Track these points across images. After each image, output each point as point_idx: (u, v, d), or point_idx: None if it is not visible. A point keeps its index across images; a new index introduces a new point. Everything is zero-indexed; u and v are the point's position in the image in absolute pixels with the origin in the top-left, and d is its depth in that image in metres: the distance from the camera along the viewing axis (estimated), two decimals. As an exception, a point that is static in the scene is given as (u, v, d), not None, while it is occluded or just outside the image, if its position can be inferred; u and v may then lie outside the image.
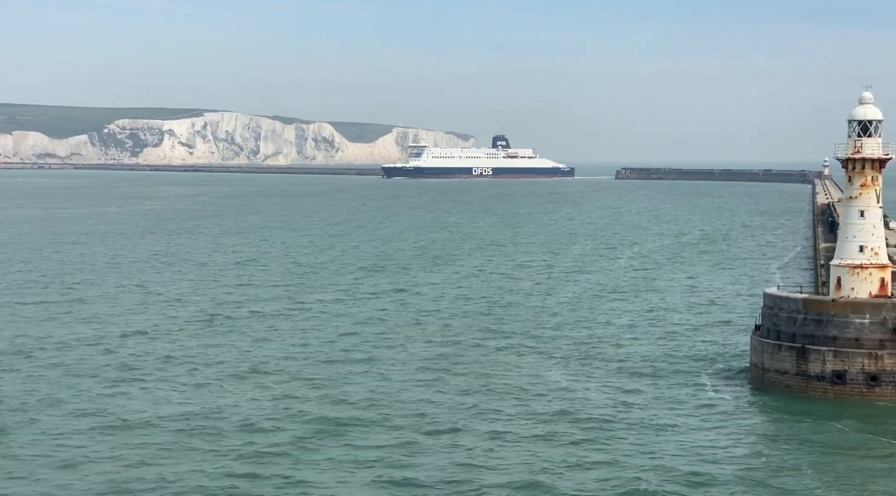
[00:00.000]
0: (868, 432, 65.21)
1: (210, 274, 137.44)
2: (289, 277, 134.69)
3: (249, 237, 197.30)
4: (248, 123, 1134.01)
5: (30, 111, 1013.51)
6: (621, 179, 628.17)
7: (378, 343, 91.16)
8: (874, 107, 77.21)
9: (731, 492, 54.53)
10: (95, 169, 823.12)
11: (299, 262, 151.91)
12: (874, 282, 76.02)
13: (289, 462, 57.64)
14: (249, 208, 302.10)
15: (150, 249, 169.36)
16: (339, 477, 55.61)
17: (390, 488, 54.18)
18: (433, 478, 55.68)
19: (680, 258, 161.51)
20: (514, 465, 57.90)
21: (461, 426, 65.39)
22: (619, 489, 54.64)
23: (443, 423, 65.79)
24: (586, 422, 66.84)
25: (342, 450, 60.11)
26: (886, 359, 72.18)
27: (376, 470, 56.65)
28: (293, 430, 63.52)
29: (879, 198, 77.49)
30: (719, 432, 65.05)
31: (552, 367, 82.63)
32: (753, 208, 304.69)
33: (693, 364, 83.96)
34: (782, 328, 75.81)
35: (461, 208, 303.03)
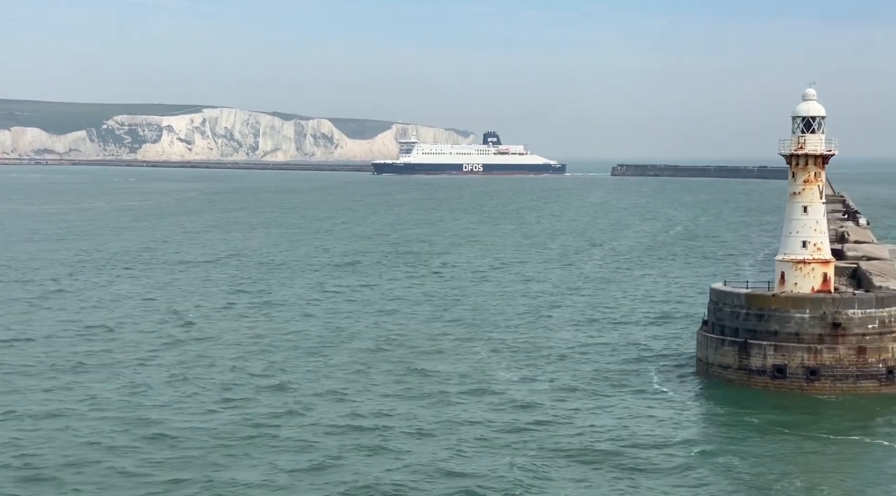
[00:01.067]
0: (806, 426, 65.57)
1: (167, 272, 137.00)
2: (253, 274, 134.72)
3: (225, 233, 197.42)
4: (246, 119, 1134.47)
5: (28, 107, 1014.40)
6: (617, 176, 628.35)
7: (329, 339, 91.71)
8: (817, 103, 77.74)
9: (663, 486, 54.94)
10: (92, 165, 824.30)
11: (267, 260, 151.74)
12: (817, 278, 76.58)
13: (218, 464, 57.23)
14: (235, 204, 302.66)
15: (116, 247, 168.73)
16: (263, 478, 55.52)
17: (331, 485, 54.22)
18: (375, 471, 56.15)
19: (653, 255, 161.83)
20: (460, 456, 58.55)
21: (402, 422, 66.00)
22: (552, 477, 55.39)
23: (384, 420, 66.22)
24: (530, 413, 67.74)
25: (266, 451, 60.25)
26: (825, 354, 72.77)
27: (312, 469, 56.79)
28: (223, 430, 63.30)
29: (822, 193, 78.09)
30: (658, 425, 65.48)
31: (502, 362, 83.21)
32: (742, 205, 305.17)
33: (643, 359, 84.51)
34: (726, 323, 76.46)
35: (447, 205, 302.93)
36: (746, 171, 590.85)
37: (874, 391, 72.71)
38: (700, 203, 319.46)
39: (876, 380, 73.05)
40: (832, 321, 73.16)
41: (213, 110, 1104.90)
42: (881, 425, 65.88)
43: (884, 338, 73.69)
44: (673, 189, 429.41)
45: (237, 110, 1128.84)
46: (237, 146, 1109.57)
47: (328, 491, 53.25)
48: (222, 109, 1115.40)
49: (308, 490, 53.51)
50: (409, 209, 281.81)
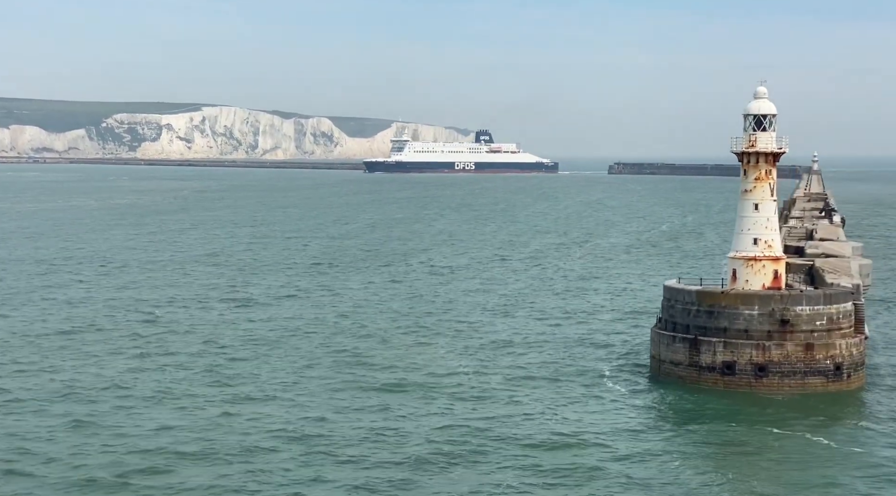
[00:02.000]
0: (751, 424, 65.84)
1: (138, 271, 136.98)
2: (224, 273, 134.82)
3: (204, 232, 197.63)
4: (246, 118, 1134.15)
5: (27, 105, 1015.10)
6: (614, 174, 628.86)
7: (291, 336, 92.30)
8: (768, 101, 78.13)
9: (604, 482, 55.24)
10: (90, 163, 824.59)
11: (238, 259, 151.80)
12: (768, 275, 76.98)
13: (173, 464, 57.44)
14: (222, 203, 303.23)
15: (89, 247, 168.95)
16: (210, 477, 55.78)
17: (282, 483, 54.52)
18: (338, 467, 56.59)
19: (632, 254, 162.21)
20: (409, 451, 59.01)
21: (350, 415, 66.54)
22: (496, 471, 55.93)
23: (345, 416, 66.66)
24: (479, 408, 68.43)
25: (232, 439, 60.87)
26: (773, 351, 73.10)
27: (258, 469, 57.03)
28: (181, 427, 63.82)
29: (774, 191, 78.48)
30: (604, 422, 65.80)
31: (458, 358, 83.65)
32: (732, 204, 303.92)
33: (600, 356, 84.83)
34: (678, 320, 76.76)
35: (435, 204, 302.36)
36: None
37: (822, 388, 73.05)
38: (692, 202, 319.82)
39: (824, 376, 73.39)
40: (780, 318, 73.49)
41: (213, 109, 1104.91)
42: (825, 424, 65.92)
43: (832, 334, 74.07)
44: (667, 188, 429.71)
45: (237, 109, 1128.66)
46: (237, 144, 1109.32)
47: (275, 491, 53.48)
48: (222, 108, 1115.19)
49: (256, 489, 53.78)
50: (396, 207, 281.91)
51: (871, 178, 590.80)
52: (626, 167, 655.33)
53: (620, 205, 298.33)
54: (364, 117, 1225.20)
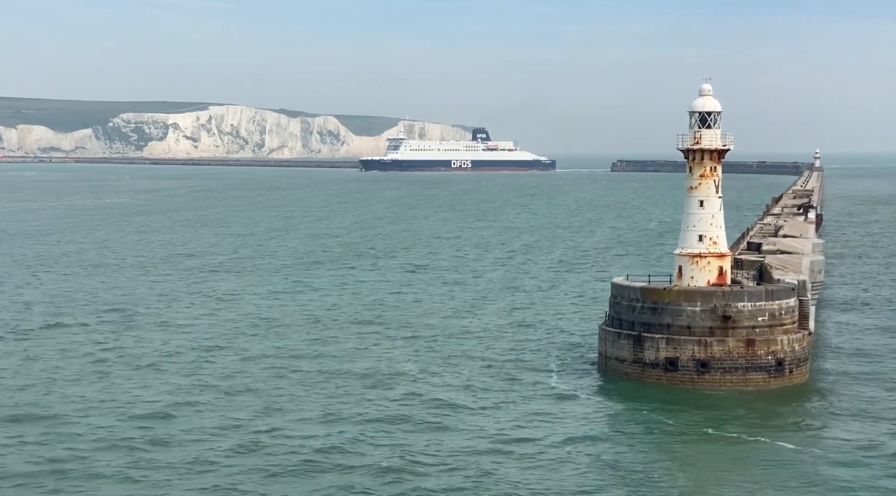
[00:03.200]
0: (692, 420, 66.12)
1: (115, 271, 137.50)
2: (199, 273, 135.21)
3: (189, 231, 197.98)
4: (253, 117, 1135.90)
5: (34, 105, 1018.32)
6: (617, 172, 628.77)
7: (250, 335, 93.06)
8: (713, 99, 78.52)
9: (546, 479, 55.66)
10: (96, 163, 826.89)
11: (218, 258, 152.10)
12: (713, 271, 77.39)
13: (128, 460, 58.08)
14: (217, 201, 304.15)
15: (73, 245, 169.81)
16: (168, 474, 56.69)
17: (240, 476, 55.15)
18: (287, 465, 57.08)
19: (611, 252, 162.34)
20: (348, 448, 59.56)
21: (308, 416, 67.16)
22: (439, 468, 56.44)
23: (293, 415, 67.25)
24: (430, 404, 69.10)
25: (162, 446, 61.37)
26: (715, 347, 73.51)
27: (196, 470, 57.63)
28: (138, 425, 64.43)
29: (719, 188, 78.90)
30: (547, 419, 66.19)
31: (410, 357, 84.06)
32: (725, 202, 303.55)
33: (555, 354, 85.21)
34: (623, 316, 77.23)
35: (427, 203, 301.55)
36: (745, 167, 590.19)
37: (763, 383, 73.48)
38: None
39: (765, 372, 73.82)
40: (722, 314, 73.91)
41: (220, 108, 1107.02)
42: (761, 420, 66.06)
43: (774, 330, 74.47)
44: (666, 185, 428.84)
45: (243, 108, 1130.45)
46: (243, 143, 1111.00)
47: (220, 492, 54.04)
48: (228, 107, 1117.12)
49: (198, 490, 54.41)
50: (385, 207, 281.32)
51: (878, 175, 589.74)
52: (628, 164, 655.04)
53: (614, 202, 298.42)
54: (370, 116, 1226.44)
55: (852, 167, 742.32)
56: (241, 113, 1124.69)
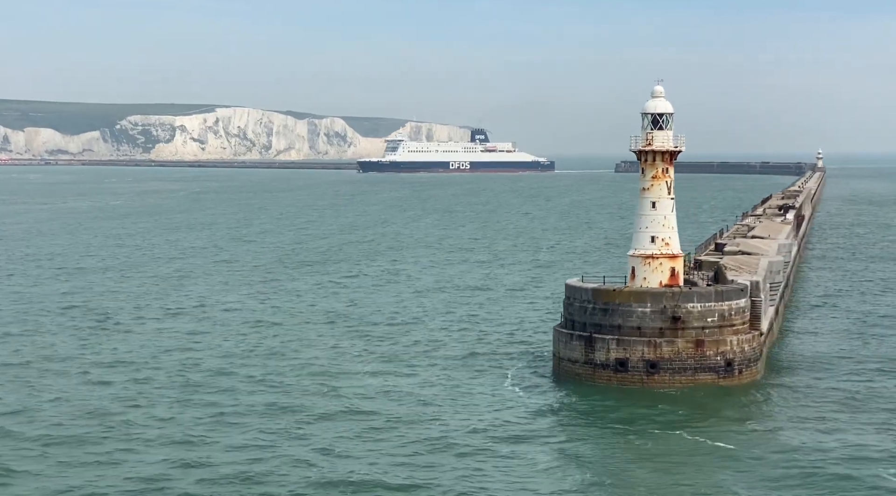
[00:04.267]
0: (638, 420, 66.43)
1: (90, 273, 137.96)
2: (168, 277, 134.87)
3: (168, 234, 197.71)
4: (260, 119, 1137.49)
5: (42, 107, 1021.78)
6: (620, 172, 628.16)
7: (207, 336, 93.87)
8: (665, 100, 78.84)
9: (492, 481, 56.04)
10: (102, 165, 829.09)
11: (192, 262, 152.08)
12: (665, 272, 77.68)
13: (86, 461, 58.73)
14: (211, 204, 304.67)
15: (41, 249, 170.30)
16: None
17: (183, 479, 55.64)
18: (230, 466, 57.71)
19: (593, 255, 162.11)
20: (301, 451, 60.13)
21: (250, 413, 67.93)
22: (391, 470, 56.95)
23: (241, 418, 67.79)
24: (384, 404, 69.75)
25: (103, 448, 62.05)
26: (664, 347, 73.86)
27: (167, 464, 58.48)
28: (91, 428, 64.91)
29: (671, 189, 79.15)
30: (496, 420, 66.47)
31: (366, 358, 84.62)
32: (718, 205, 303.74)
33: (513, 355, 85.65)
34: (576, 318, 77.58)
35: (420, 205, 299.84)
36: (749, 167, 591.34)
37: (712, 383, 73.79)
38: (684, 200, 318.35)
39: (714, 372, 74.15)
40: (672, 315, 74.26)
41: (227, 110, 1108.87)
42: (704, 420, 66.35)
43: (723, 331, 74.80)
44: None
45: (250, 109, 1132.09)
46: (250, 145, 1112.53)
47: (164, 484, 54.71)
48: (235, 109, 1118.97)
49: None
50: (379, 209, 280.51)
51: (882, 175, 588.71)
52: (632, 165, 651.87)
53: (609, 203, 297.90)
54: (378, 117, 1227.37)
55: (850, 167, 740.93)
56: (248, 115, 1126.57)
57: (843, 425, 65.09)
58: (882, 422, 65.77)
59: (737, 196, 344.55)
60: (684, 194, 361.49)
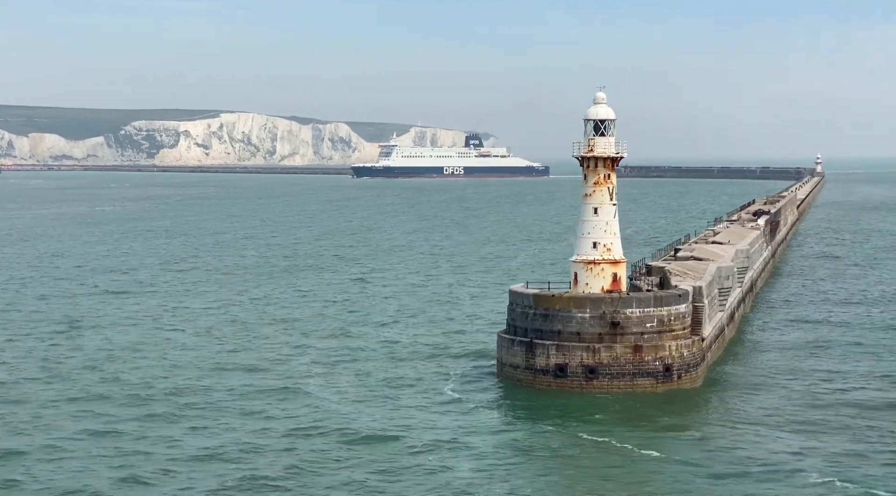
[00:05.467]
0: (573, 426, 66.53)
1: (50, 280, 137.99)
2: (124, 284, 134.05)
3: (132, 241, 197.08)
4: (264, 124, 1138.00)
5: (46, 113, 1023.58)
6: (621, 177, 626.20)
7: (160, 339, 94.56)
8: (606, 106, 79.14)
9: (425, 485, 56.24)
10: (104, 170, 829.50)
11: (160, 269, 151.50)
12: (607, 277, 77.97)
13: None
14: (192, 209, 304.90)
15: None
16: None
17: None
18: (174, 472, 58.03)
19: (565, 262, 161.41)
20: (243, 456, 60.53)
21: (183, 417, 68.44)
22: (333, 474, 57.35)
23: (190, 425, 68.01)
24: (327, 410, 69.99)
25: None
26: (603, 353, 74.11)
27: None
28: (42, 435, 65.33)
29: (613, 195, 79.47)
30: (433, 426, 66.77)
31: (311, 364, 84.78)
32: (710, 209, 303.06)
33: (460, 361, 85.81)
34: (518, 323, 77.92)
35: (409, 211, 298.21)
36: (749, 172, 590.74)
37: (651, 389, 74.07)
38: (676, 206, 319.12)
39: (653, 378, 74.40)
40: (611, 320, 74.55)
41: (231, 115, 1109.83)
42: (636, 426, 66.44)
43: (663, 336, 75.03)
44: (663, 191, 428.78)
45: (255, 115, 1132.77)
46: (254, 150, 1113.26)
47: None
48: (240, 114, 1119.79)
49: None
50: (365, 215, 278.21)
51: (882, 180, 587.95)
52: (632, 170, 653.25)
53: None
54: (382, 122, 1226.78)
55: (854, 172, 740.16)
56: (253, 120, 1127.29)
57: (773, 433, 64.95)
58: (816, 430, 65.25)
59: (731, 201, 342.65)
60: (678, 200, 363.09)
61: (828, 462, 59.37)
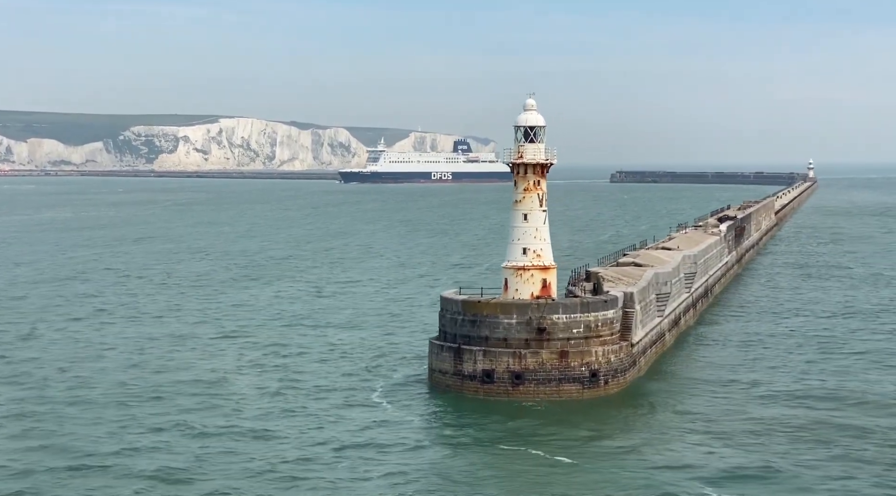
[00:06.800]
0: (495, 432, 66.75)
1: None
2: (84, 290, 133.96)
3: (106, 248, 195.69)
4: (263, 129, 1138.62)
5: (45, 118, 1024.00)
6: (616, 183, 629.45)
7: (97, 345, 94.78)
8: (537, 113, 79.37)
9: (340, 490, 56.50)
10: (100, 176, 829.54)
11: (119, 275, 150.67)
12: (536, 283, 78.19)
13: None
14: (181, 215, 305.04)
15: None
16: None
17: None
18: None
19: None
20: (165, 463, 60.54)
21: (118, 423, 68.48)
22: (253, 484, 57.19)
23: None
24: (259, 418, 69.84)
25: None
26: (529, 359, 74.23)
27: None
28: None
29: (543, 201, 79.62)
30: (358, 430, 66.90)
31: (241, 370, 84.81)
32: (696, 215, 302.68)
33: (392, 368, 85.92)
34: (448, 329, 78.09)
35: (390, 216, 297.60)
36: (743, 177, 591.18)
37: (577, 394, 74.18)
38: (664, 211, 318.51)
39: (579, 383, 74.53)
40: (537, 326, 74.66)
41: (230, 120, 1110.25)
42: (554, 433, 66.49)
43: (589, 342, 75.14)
44: (653, 196, 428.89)
45: (254, 120, 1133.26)
46: (254, 156, 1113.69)
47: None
48: (239, 119, 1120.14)
49: None
50: (346, 221, 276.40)
51: (874, 185, 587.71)
52: (627, 175, 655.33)
53: (581, 216, 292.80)
54: (382, 127, 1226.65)
55: (849, 177, 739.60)
56: (252, 125, 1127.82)
57: (689, 439, 64.99)
58: (735, 444, 64.14)
59: (719, 206, 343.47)
60: (666, 205, 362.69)
61: (732, 470, 59.35)
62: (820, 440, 64.67)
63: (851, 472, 58.96)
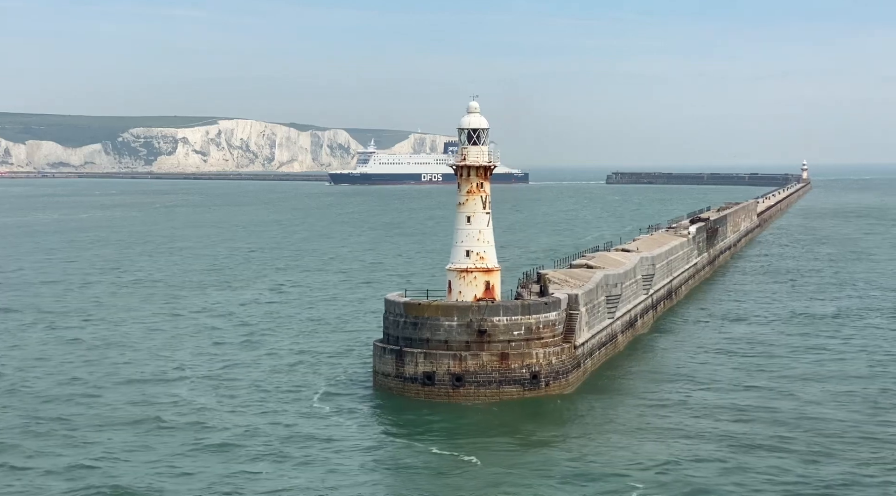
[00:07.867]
0: (434, 435, 66.86)
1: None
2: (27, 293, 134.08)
3: (72, 252, 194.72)
4: (262, 131, 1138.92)
5: (43, 120, 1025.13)
6: (612, 184, 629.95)
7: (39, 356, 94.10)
8: (480, 116, 79.45)
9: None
10: (97, 177, 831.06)
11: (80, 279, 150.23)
12: (479, 285, 78.22)
13: None
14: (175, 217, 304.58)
15: None
16: None
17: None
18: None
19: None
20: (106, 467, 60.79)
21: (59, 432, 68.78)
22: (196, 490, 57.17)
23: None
24: (203, 422, 69.72)
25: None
26: (469, 361, 74.28)
27: None
28: None
29: (486, 204, 79.61)
30: (295, 435, 66.89)
31: (178, 377, 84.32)
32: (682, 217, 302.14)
33: (337, 371, 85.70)
34: (391, 332, 78.16)
35: (370, 219, 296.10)
36: (738, 178, 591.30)
37: (518, 396, 74.21)
38: (654, 212, 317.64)
39: (519, 385, 74.55)
40: (478, 329, 74.71)
41: (229, 122, 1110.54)
42: (479, 434, 66.65)
43: (530, 344, 75.16)
44: (645, 198, 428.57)
45: (253, 121, 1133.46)
46: (253, 157, 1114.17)
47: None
48: (238, 121, 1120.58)
49: None
50: (325, 225, 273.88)
51: (871, 187, 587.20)
52: (623, 176, 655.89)
53: (565, 219, 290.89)
54: (381, 129, 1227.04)
55: (832, 179, 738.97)
56: (251, 127, 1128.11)
57: (623, 440, 65.02)
58: (666, 450, 63.45)
59: (708, 208, 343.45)
60: (657, 206, 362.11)
61: (660, 468, 59.46)
62: (750, 451, 63.42)
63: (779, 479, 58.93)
